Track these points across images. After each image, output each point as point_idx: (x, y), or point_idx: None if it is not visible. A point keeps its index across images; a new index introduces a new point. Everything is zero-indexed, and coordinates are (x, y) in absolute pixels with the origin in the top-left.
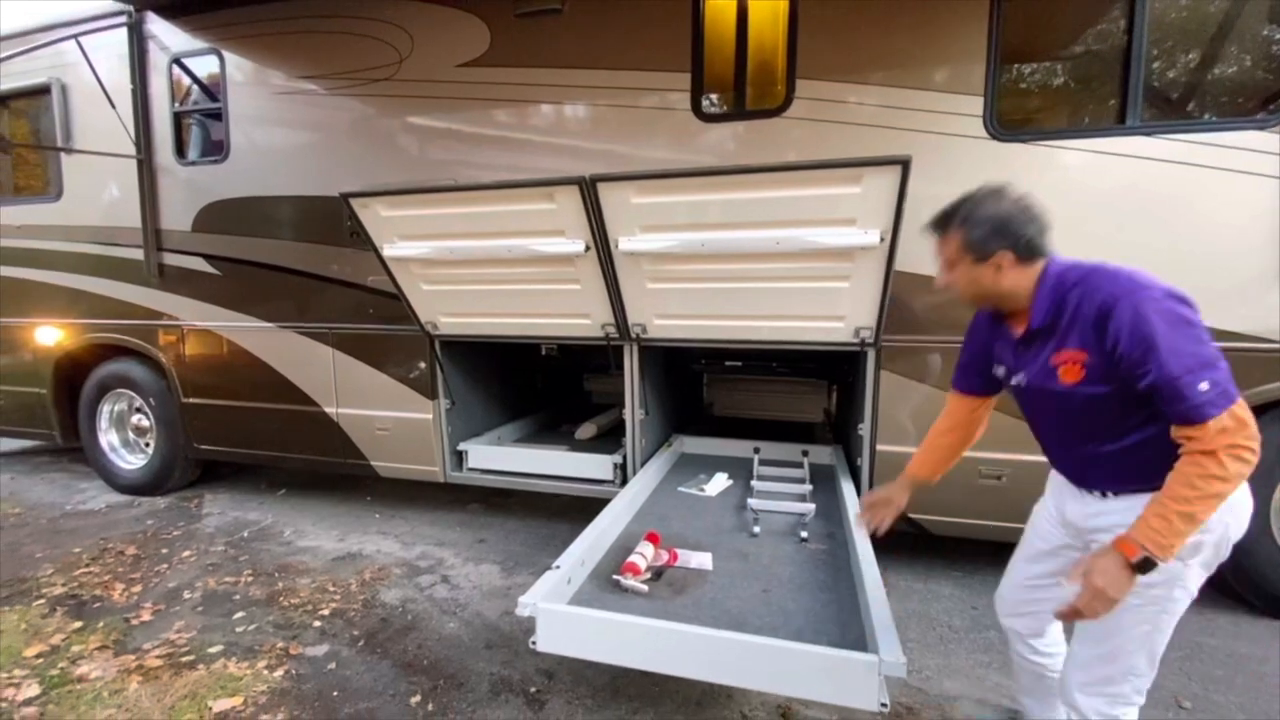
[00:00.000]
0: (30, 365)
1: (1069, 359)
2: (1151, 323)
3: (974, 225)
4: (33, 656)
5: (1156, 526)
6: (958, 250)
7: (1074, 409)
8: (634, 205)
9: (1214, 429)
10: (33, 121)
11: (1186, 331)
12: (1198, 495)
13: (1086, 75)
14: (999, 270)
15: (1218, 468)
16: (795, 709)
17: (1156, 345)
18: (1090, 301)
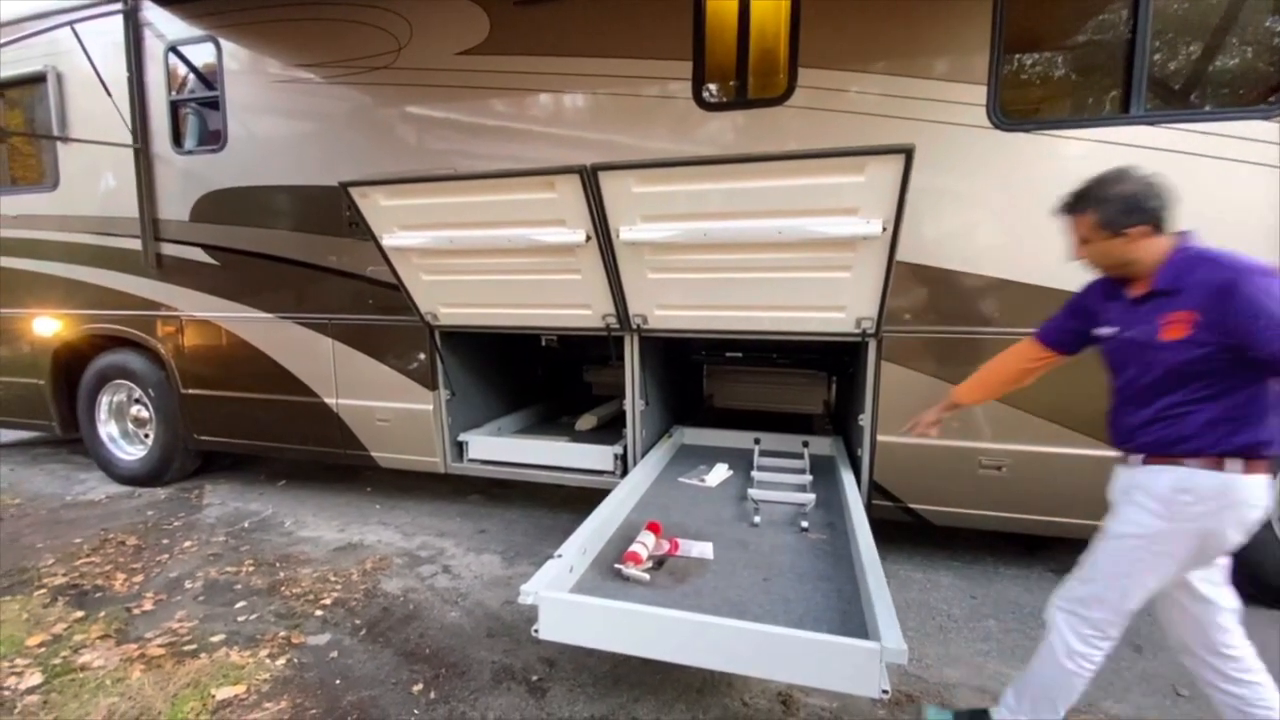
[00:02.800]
0: (29, 356)
1: (1178, 319)
2: (1247, 287)
3: (1106, 204)
4: (35, 645)
5: None
6: (1091, 228)
7: (1171, 364)
8: (635, 194)
9: None
10: (29, 110)
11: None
12: None
13: (1090, 64)
14: (1130, 241)
15: None
16: (796, 697)
17: (1258, 302)
18: (1216, 274)
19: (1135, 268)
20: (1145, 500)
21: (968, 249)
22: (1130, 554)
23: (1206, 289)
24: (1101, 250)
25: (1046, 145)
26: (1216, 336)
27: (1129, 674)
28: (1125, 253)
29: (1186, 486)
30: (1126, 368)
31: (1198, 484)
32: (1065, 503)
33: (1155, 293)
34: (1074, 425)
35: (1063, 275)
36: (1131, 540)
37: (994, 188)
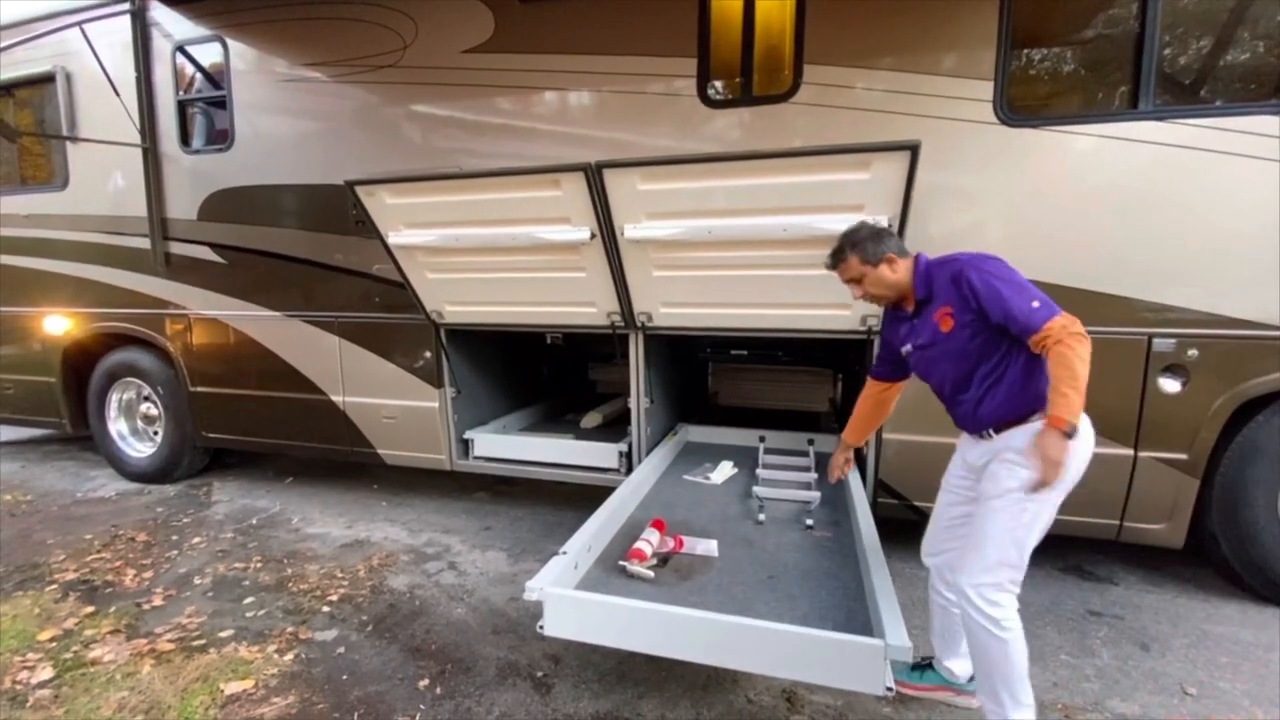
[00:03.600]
0: (39, 354)
1: (942, 313)
2: (990, 276)
3: (859, 245)
4: (46, 640)
5: (1066, 403)
6: (857, 266)
7: (955, 350)
8: (640, 192)
9: (1056, 326)
10: (38, 110)
11: (1011, 277)
12: (1075, 373)
13: (1098, 59)
14: (891, 265)
15: (1074, 349)
16: (801, 694)
17: (998, 290)
18: (946, 272)
19: (902, 289)
20: (1015, 457)
21: (973, 245)
22: (1017, 507)
23: (946, 285)
24: (873, 280)
25: (1054, 141)
26: (970, 316)
27: (1136, 673)
28: (891, 277)
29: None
30: (935, 368)
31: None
32: (1071, 501)
33: (919, 302)
34: None
35: (1068, 271)
36: (1016, 493)
37: (1000, 184)
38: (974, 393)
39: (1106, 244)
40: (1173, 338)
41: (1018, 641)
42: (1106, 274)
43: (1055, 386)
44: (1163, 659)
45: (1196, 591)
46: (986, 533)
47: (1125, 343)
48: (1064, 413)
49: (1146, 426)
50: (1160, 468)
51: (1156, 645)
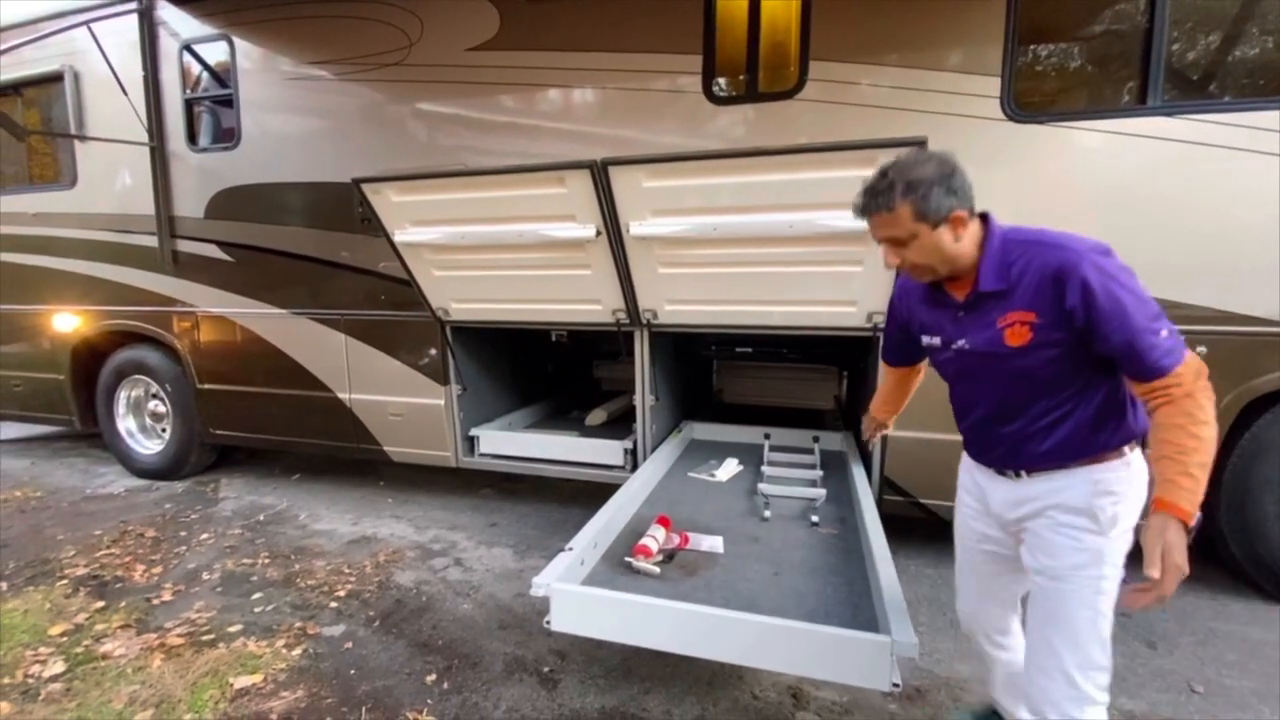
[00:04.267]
0: (48, 352)
1: (1016, 320)
2: (1118, 286)
3: (921, 190)
4: (57, 635)
5: (1189, 486)
6: (911, 220)
7: (1018, 372)
8: (645, 189)
9: (1189, 372)
10: (47, 109)
11: (1137, 287)
12: (1202, 443)
13: (1106, 55)
14: (956, 229)
15: (1201, 409)
16: (806, 690)
17: (1122, 304)
18: (1042, 263)
19: (960, 264)
20: (1073, 519)
21: None
22: (1092, 587)
23: (1038, 281)
24: (930, 245)
25: (1062, 137)
26: (1062, 334)
27: (1143, 670)
28: (954, 246)
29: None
30: (976, 385)
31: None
32: None
33: (983, 294)
34: None
35: None
36: (1090, 570)
37: (1007, 181)
38: (1021, 426)
39: (1114, 240)
40: None
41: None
42: None
43: (1177, 459)
44: (1170, 657)
45: (1204, 590)
46: (1060, 630)
47: None
48: (1189, 502)
49: None
50: None
51: (1163, 643)
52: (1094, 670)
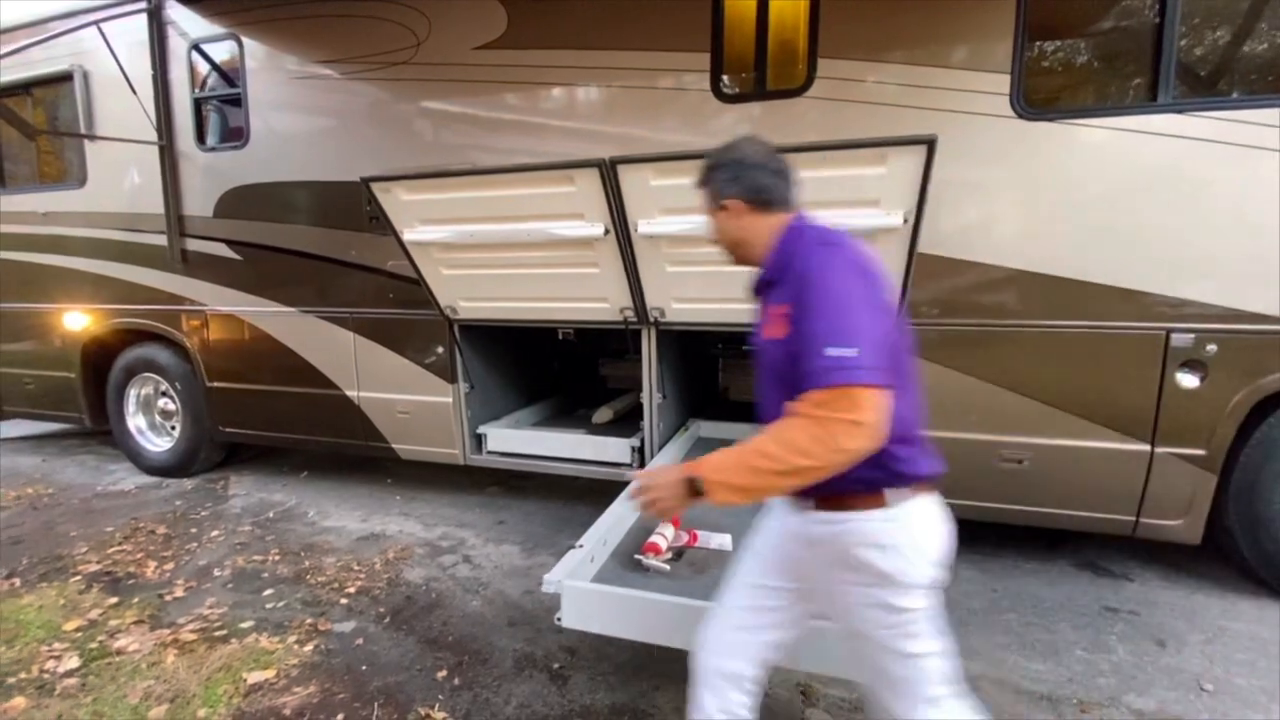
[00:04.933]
0: (59, 350)
1: (776, 311)
2: (818, 279)
3: (712, 174)
4: (72, 630)
5: (723, 460)
6: (704, 200)
7: (775, 370)
8: (654, 187)
9: (819, 397)
10: (57, 109)
11: (846, 287)
12: (770, 456)
13: (1117, 51)
14: (733, 217)
15: (804, 438)
16: (816, 687)
17: (812, 302)
18: (800, 257)
19: (746, 250)
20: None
21: (989, 240)
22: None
23: (795, 274)
24: (715, 224)
25: (1071, 135)
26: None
27: (1152, 669)
28: (733, 231)
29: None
30: (760, 384)
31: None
32: (1088, 497)
33: (764, 282)
34: (1096, 418)
35: (1085, 265)
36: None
37: (1016, 178)
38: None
39: (1124, 238)
40: (1191, 333)
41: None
42: (1124, 268)
43: (749, 443)
44: (1179, 655)
45: (1213, 588)
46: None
47: (1143, 338)
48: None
49: (1164, 422)
50: (1177, 463)
51: (1173, 641)
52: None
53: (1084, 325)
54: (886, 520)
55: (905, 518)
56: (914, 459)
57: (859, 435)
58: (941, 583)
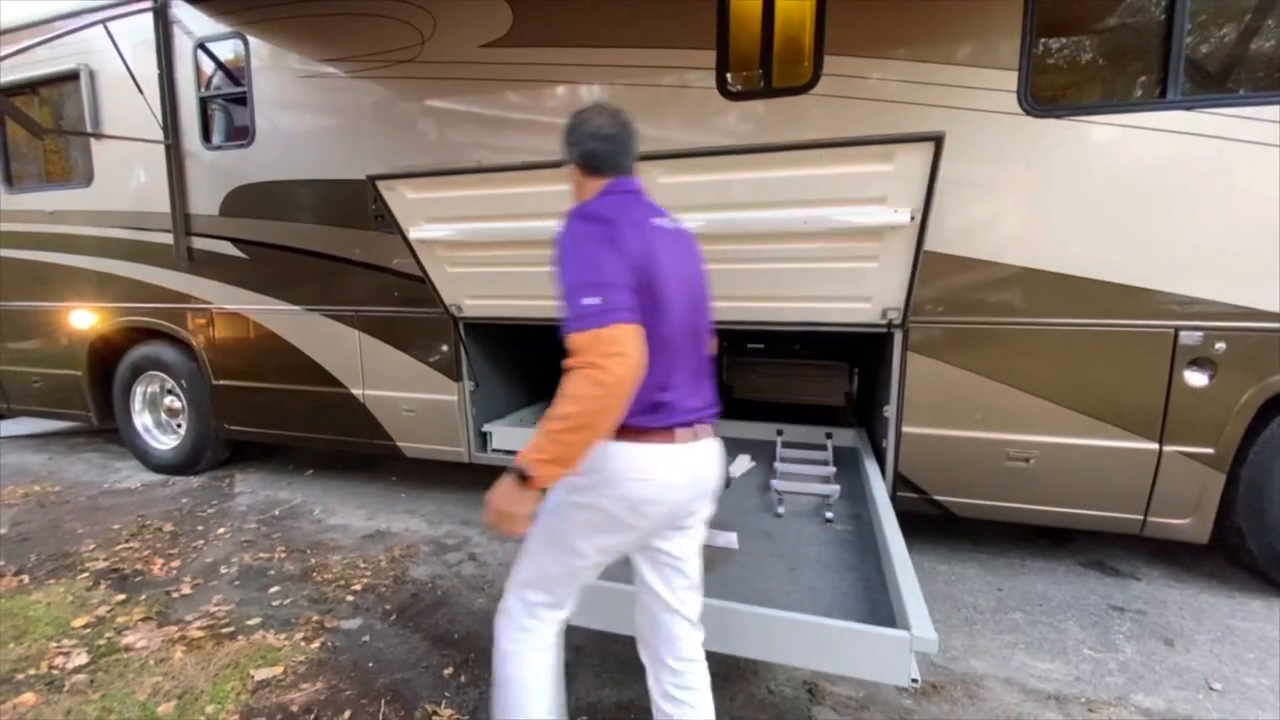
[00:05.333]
0: (66, 348)
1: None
2: (564, 241)
3: (563, 138)
4: (80, 626)
5: (532, 441)
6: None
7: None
8: (659, 185)
9: (579, 342)
10: (63, 108)
11: (590, 251)
12: (558, 415)
13: (1125, 47)
14: (572, 177)
15: (571, 386)
16: (822, 685)
17: (562, 263)
18: (567, 220)
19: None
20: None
21: (996, 238)
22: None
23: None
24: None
25: (1079, 131)
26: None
27: (1160, 668)
28: (573, 190)
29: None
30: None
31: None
32: (1095, 495)
33: None
34: (1104, 416)
35: (1093, 263)
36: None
37: (1023, 175)
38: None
39: (1132, 235)
40: (1199, 330)
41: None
42: (1132, 266)
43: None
44: (1187, 654)
45: (1221, 587)
46: (527, 542)
47: (1151, 336)
48: (525, 452)
49: (1172, 420)
50: (1185, 462)
51: (1181, 640)
52: (534, 588)
53: (1091, 323)
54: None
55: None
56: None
57: (621, 365)
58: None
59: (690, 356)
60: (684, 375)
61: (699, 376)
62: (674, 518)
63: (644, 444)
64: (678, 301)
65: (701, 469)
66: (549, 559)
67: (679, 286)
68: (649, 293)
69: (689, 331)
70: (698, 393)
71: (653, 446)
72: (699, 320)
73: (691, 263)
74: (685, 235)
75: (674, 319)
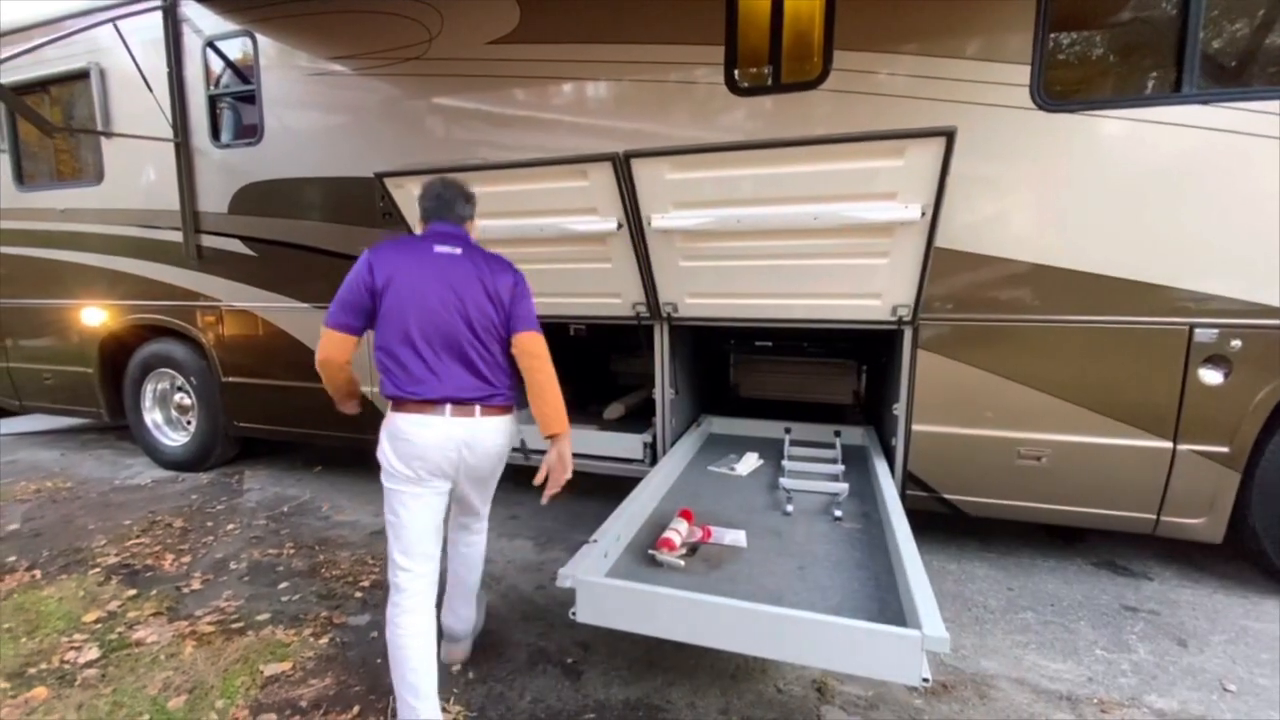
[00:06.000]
0: (77, 346)
1: None
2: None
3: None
4: (91, 621)
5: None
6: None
7: None
8: (668, 181)
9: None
10: (74, 107)
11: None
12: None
13: (1140, 41)
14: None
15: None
16: (831, 684)
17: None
18: None
19: None
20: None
21: (1007, 234)
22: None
23: None
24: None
25: (1093, 126)
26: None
27: (1173, 668)
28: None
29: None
30: None
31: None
32: (1108, 494)
33: None
34: (1118, 415)
35: (1106, 259)
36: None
37: (1036, 171)
38: None
39: (1147, 231)
40: (1215, 328)
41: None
42: (1146, 262)
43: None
44: (1201, 655)
45: (1235, 587)
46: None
47: (1165, 333)
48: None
49: (1186, 419)
50: (1200, 461)
51: (1194, 641)
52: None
53: (1105, 320)
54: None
55: (389, 424)
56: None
57: (320, 352)
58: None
59: (444, 348)
60: (432, 363)
61: (459, 364)
62: (437, 466)
63: (399, 413)
64: (412, 309)
65: (449, 433)
66: (391, 527)
67: (417, 298)
68: (381, 303)
69: (436, 331)
70: (452, 377)
71: (405, 415)
72: (453, 322)
73: (455, 279)
74: (457, 258)
75: (410, 321)
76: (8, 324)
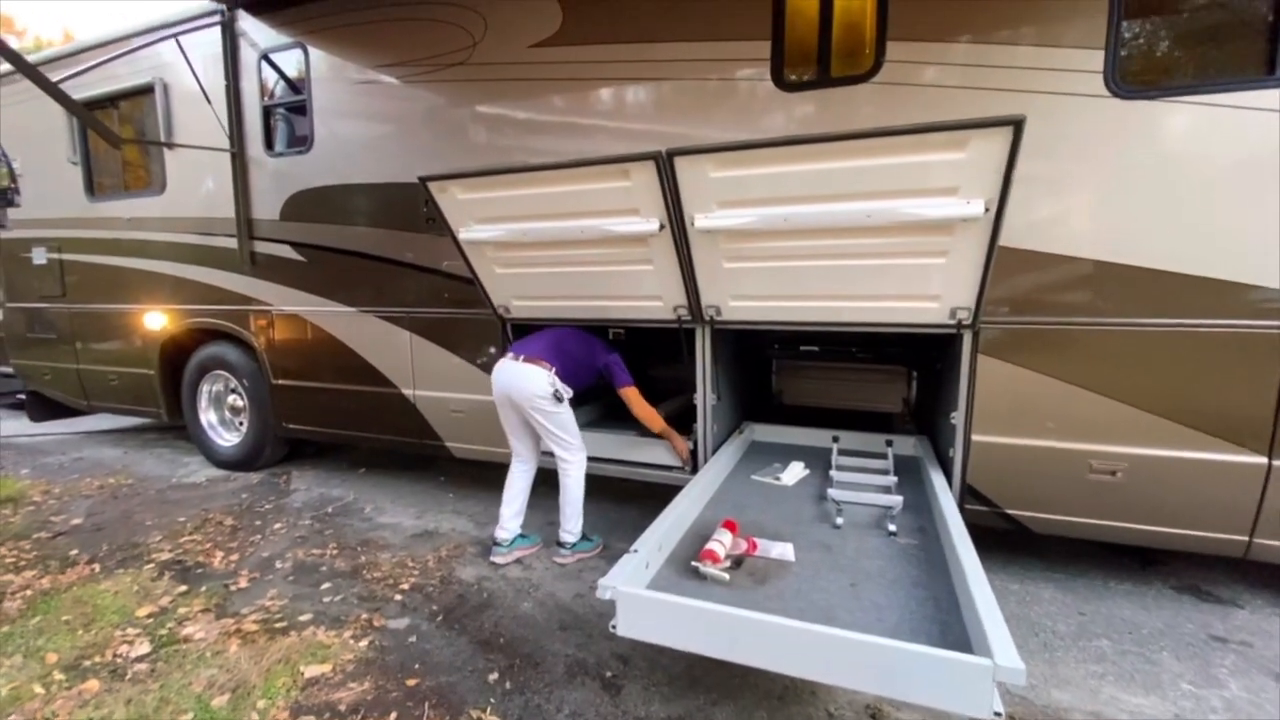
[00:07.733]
0: (140, 348)
1: None
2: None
3: None
4: (144, 616)
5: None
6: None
7: None
8: (712, 179)
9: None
10: (141, 121)
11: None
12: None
13: (1227, 21)
14: None
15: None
16: (886, 710)
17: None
18: None
19: None
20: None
21: (1078, 231)
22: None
23: None
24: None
25: (1175, 114)
26: None
27: (1270, 707)
28: None
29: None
30: None
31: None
32: (1192, 513)
33: None
34: (1204, 427)
35: (1192, 257)
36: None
37: (1112, 163)
38: None
39: (1235, 226)
40: None
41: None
42: (1236, 260)
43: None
44: None
45: None
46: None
47: (1259, 337)
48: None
49: None
50: None
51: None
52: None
53: (1189, 323)
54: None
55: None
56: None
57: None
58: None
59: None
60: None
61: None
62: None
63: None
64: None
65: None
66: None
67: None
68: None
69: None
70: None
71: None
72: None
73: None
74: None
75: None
76: (78, 328)
